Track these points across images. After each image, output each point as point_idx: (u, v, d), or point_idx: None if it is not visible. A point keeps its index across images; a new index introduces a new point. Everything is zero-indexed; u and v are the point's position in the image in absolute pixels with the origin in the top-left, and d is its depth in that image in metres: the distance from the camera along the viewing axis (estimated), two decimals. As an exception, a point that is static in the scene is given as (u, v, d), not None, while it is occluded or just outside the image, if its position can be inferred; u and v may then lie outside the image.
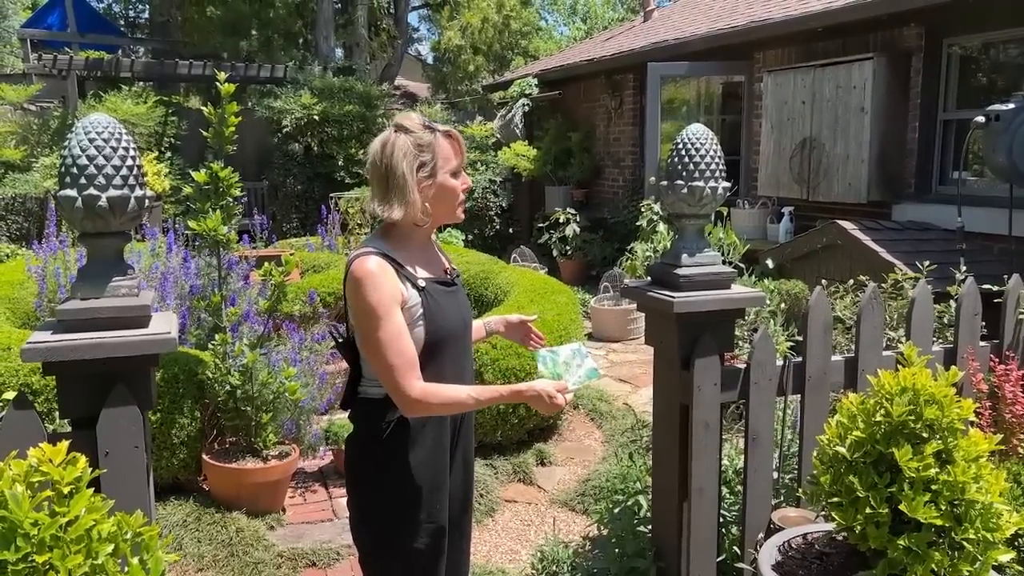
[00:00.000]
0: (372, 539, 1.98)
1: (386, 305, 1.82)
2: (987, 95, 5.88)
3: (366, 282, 1.82)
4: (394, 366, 1.82)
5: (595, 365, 2.07)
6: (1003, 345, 2.89)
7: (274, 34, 16.98)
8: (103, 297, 1.77)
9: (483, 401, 1.91)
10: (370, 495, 1.97)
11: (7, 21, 25.77)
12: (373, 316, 1.81)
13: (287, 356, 3.95)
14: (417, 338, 1.89)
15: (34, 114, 11.02)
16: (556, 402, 1.91)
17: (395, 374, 1.82)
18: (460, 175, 1.96)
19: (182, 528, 3.41)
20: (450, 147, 1.93)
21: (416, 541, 1.95)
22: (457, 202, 1.97)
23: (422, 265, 1.97)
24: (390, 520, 1.95)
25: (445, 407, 1.89)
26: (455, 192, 1.95)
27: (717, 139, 2.43)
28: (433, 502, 1.97)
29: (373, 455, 1.94)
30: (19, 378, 3.52)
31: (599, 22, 21.70)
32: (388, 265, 1.86)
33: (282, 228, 10.84)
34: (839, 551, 2.00)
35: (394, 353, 1.82)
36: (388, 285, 1.83)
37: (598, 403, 5.17)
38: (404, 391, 1.82)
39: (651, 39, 9.66)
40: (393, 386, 1.84)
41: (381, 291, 1.82)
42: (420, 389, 1.83)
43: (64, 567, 1.28)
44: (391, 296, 1.83)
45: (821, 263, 5.80)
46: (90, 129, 1.73)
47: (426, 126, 1.91)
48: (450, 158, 1.92)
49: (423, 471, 1.94)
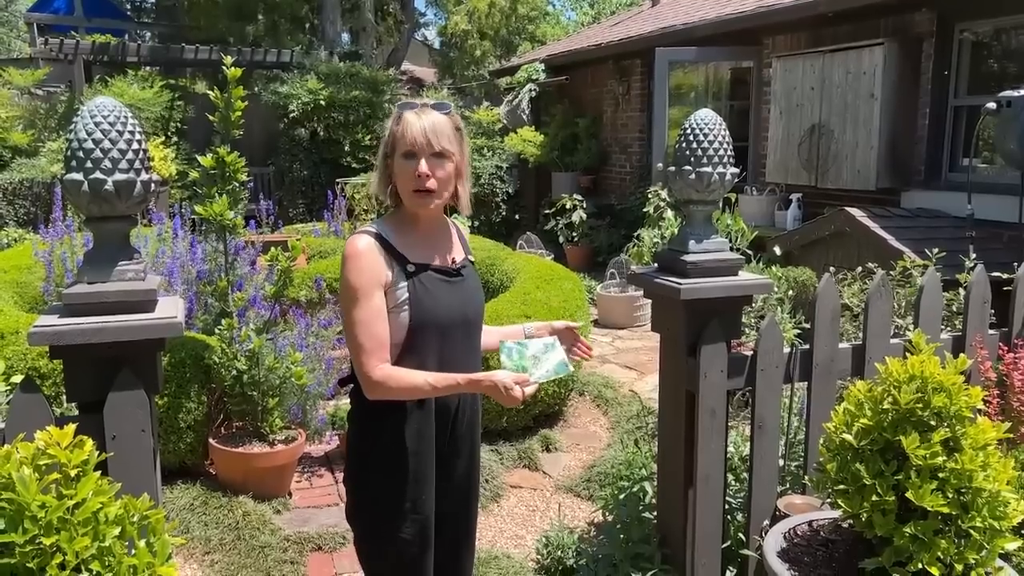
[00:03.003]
0: (364, 522, 2.01)
1: (365, 286, 1.84)
2: (998, 81, 5.83)
3: (349, 261, 1.86)
4: (362, 346, 1.84)
5: (564, 358, 2.03)
6: (1012, 333, 2.87)
7: (280, 19, 16.93)
8: (109, 281, 1.77)
9: (439, 389, 1.88)
10: (361, 473, 1.99)
11: (14, 5, 25.74)
12: (351, 295, 1.84)
13: (293, 341, 3.96)
14: (401, 323, 1.89)
15: (41, 99, 11.02)
16: (513, 394, 1.87)
17: (361, 354, 1.84)
18: (415, 159, 1.87)
19: (189, 512, 3.43)
20: (402, 130, 1.87)
21: (402, 530, 1.95)
22: (408, 186, 1.88)
23: (424, 250, 1.95)
24: (378, 504, 1.96)
25: (404, 391, 1.87)
26: (403, 174, 1.88)
27: (725, 125, 2.41)
28: (417, 492, 1.96)
29: (366, 433, 1.97)
30: (27, 362, 3.54)
31: (607, 7, 21.54)
32: (376, 246, 1.87)
33: (288, 214, 10.84)
34: (845, 538, 2.00)
35: (364, 334, 1.83)
36: (370, 266, 1.85)
37: (604, 390, 5.17)
38: (366, 372, 1.84)
39: (659, 24, 9.60)
40: (358, 365, 1.86)
41: (362, 271, 1.84)
42: (381, 372, 1.84)
43: (71, 549, 1.29)
44: (372, 277, 1.84)
45: (829, 250, 5.77)
46: (96, 113, 1.73)
47: (399, 107, 1.93)
48: (401, 139, 1.87)
49: (406, 459, 1.94)
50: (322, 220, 8.25)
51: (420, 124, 1.86)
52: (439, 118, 1.90)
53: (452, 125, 1.92)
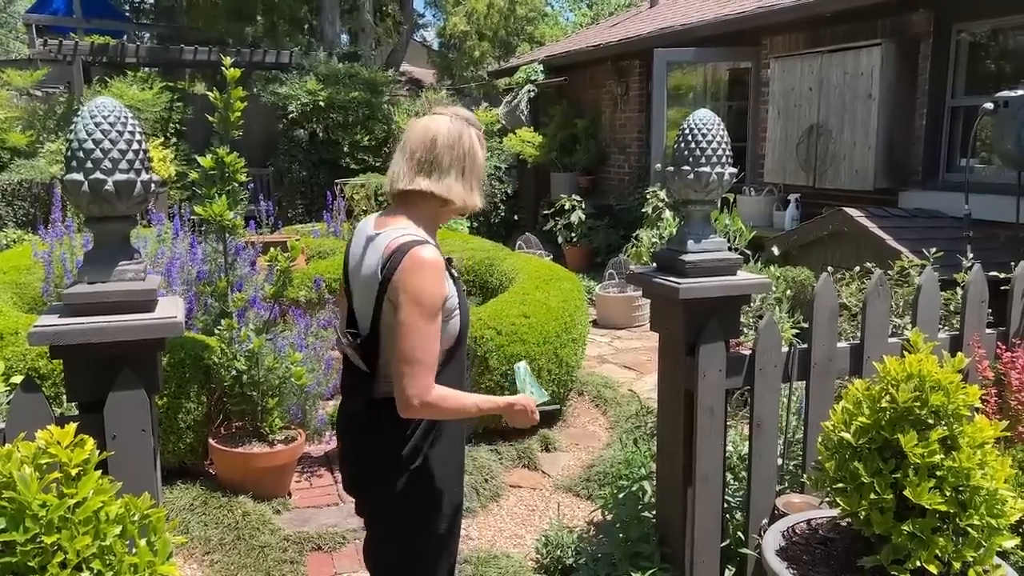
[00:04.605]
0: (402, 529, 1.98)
1: (438, 302, 1.82)
2: (996, 82, 5.84)
3: (428, 273, 1.79)
4: (422, 362, 1.77)
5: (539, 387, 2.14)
6: (1009, 332, 2.88)
7: (279, 20, 16.92)
8: (109, 281, 1.78)
9: (484, 410, 1.97)
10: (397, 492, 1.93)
11: (12, 6, 25.73)
12: (427, 307, 1.78)
13: (293, 341, 3.97)
14: (452, 331, 1.92)
15: (40, 99, 11.00)
16: (535, 417, 2.01)
17: (420, 368, 1.77)
18: None
19: (189, 512, 3.43)
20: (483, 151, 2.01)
21: (441, 527, 2.01)
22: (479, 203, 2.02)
23: None
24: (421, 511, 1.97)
25: (451, 412, 1.87)
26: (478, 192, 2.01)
27: (723, 125, 2.42)
28: (456, 489, 2.05)
29: (399, 453, 1.91)
30: (26, 362, 3.54)
31: (605, 8, 21.54)
32: (442, 259, 1.86)
33: (287, 214, 10.84)
34: (843, 537, 2.01)
35: (427, 350, 1.78)
36: (443, 282, 1.85)
37: (603, 389, 5.18)
38: (419, 391, 1.77)
39: (657, 25, 9.60)
40: (413, 379, 1.77)
41: (440, 287, 1.82)
42: (436, 393, 1.80)
43: (72, 548, 1.29)
44: (444, 295, 1.84)
45: (827, 250, 5.78)
46: (96, 113, 1.73)
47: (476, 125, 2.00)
48: (484, 161, 2.02)
49: (448, 463, 2.00)
50: (321, 221, 8.26)
51: None
52: None
53: None
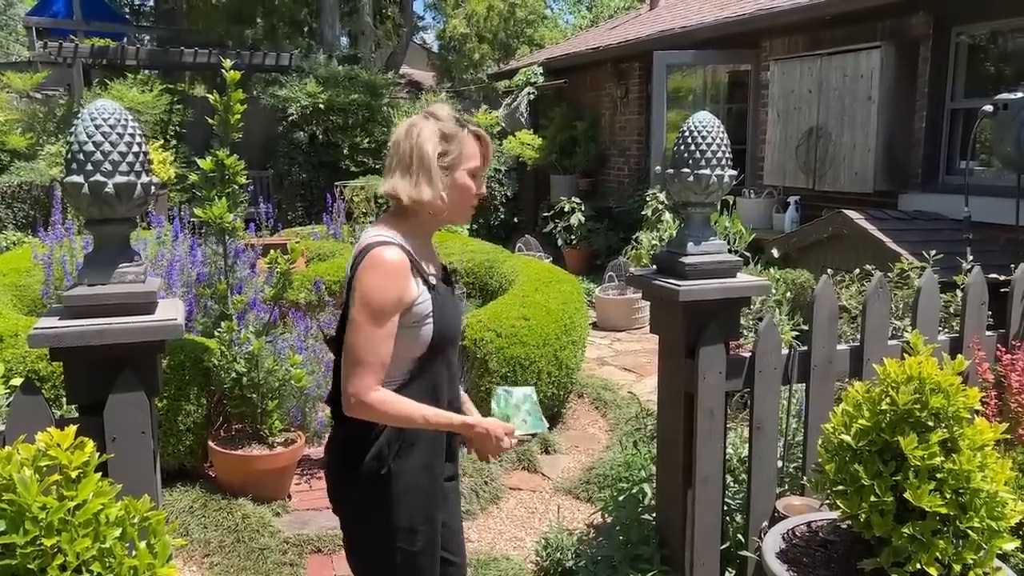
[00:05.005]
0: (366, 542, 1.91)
1: (389, 305, 1.77)
2: (995, 84, 5.84)
3: (381, 273, 1.77)
4: (365, 363, 1.76)
5: (540, 414, 1.99)
6: (1009, 335, 2.88)
7: (279, 22, 16.93)
8: (109, 283, 1.77)
9: (432, 424, 1.82)
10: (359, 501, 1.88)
11: (13, 9, 25.74)
12: (375, 308, 1.76)
13: (293, 344, 3.97)
14: (424, 337, 1.84)
15: (40, 102, 11.01)
16: (501, 445, 1.84)
17: (361, 370, 1.76)
18: (478, 178, 1.92)
19: (188, 514, 3.43)
20: (476, 147, 1.89)
21: (413, 544, 1.88)
22: (469, 203, 1.92)
23: (428, 260, 1.94)
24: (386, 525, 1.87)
25: (393, 418, 1.79)
26: (469, 191, 1.90)
27: (723, 127, 2.42)
28: (431, 504, 1.91)
29: (360, 460, 1.84)
30: (26, 365, 3.54)
31: (605, 10, 21.55)
32: (406, 261, 1.81)
33: (287, 217, 10.85)
34: (843, 539, 2.01)
35: (372, 352, 1.76)
36: (400, 285, 1.79)
37: (603, 392, 5.18)
38: (359, 390, 1.76)
39: (657, 27, 9.61)
40: (351, 378, 1.77)
41: (392, 288, 1.77)
42: (376, 395, 1.77)
43: (72, 550, 1.29)
44: (399, 297, 1.79)
45: (827, 252, 5.78)
46: (96, 116, 1.73)
47: (457, 119, 1.88)
48: (473, 156, 1.88)
49: (419, 476, 1.87)
50: (321, 223, 8.26)
51: (489, 147, 1.93)
52: None
53: None
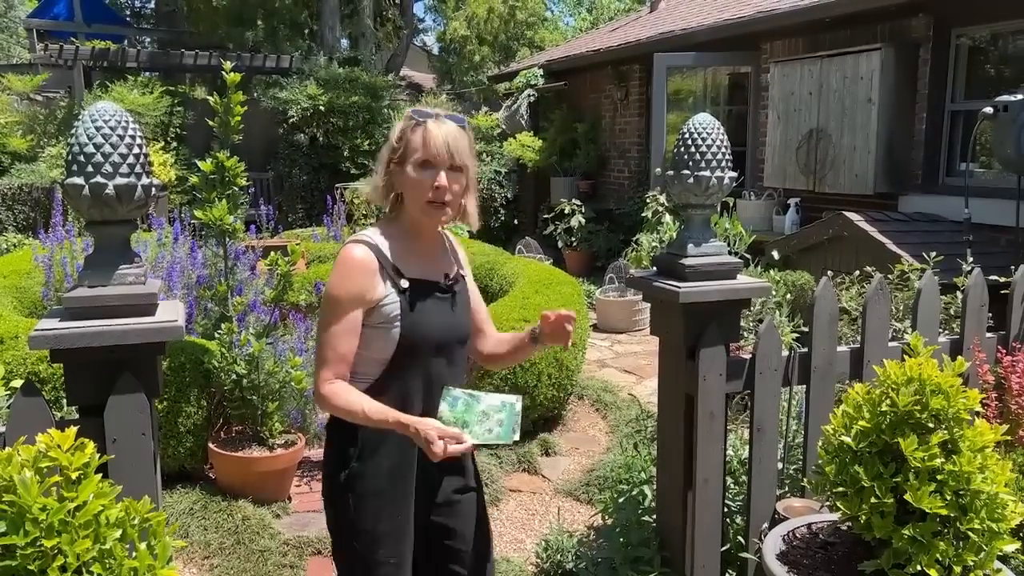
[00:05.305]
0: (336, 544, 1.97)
1: (345, 300, 1.81)
2: (995, 86, 5.84)
3: (339, 269, 1.84)
4: (322, 357, 1.84)
5: (516, 425, 1.82)
6: (1010, 336, 2.88)
7: (280, 24, 16.94)
8: (110, 285, 1.78)
9: (371, 420, 1.80)
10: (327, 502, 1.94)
11: (14, 11, 25.76)
12: (329, 304, 1.84)
13: (293, 345, 3.97)
14: (391, 339, 1.84)
15: (40, 104, 11.02)
16: (433, 449, 1.71)
17: (319, 364, 1.85)
18: (432, 171, 1.82)
19: (189, 516, 3.43)
20: (420, 138, 1.81)
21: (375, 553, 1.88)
22: (421, 197, 1.83)
23: (418, 263, 1.90)
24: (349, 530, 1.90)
25: (341, 411, 1.83)
26: (417, 185, 1.82)
27: (723, 129, 2.42)
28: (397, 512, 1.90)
29: (329, 461, 1.93)
30: (27, 367, 3.54)
31: (605, 12, 21.59)
32: (372, 260, 1.82)
33: (288, 219, 10.85)
34: (844, 541, 2.01)
35: (328, 346, 1.83)
36: (358, 282, 1.81)
37: (603, 394, 5.18)
38: (317, 383, 1.85)
39: (658, 29, 9.62)
40: (315, 372, 1.86)
41: (347, 285, 1.82)
42: (329, 387, 1.83)
43: (72, 552, 1.29)
44: (356, 293, 1.81)
45: (827, 254, 5.78)
46: (97, 117, 1.73)
47: (415, 114, 1.86)
48: (416, 149, 1.82)
49: (383, 483, 1.88)
50: (321, 225, 8.27)
51: (442, 135, 1.81)
52: (457, 131, 1.85)
53: (468, 139, 1.88)
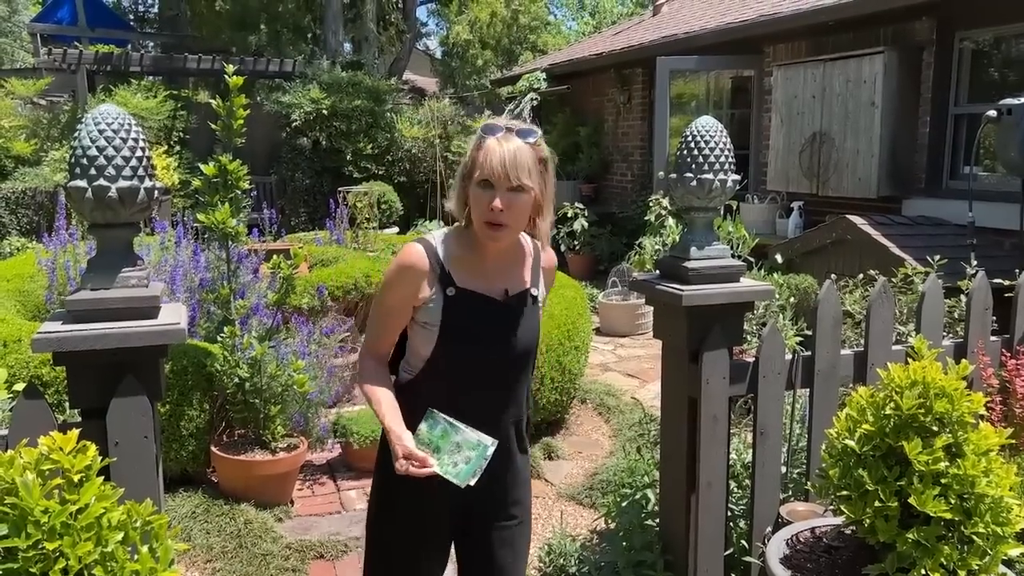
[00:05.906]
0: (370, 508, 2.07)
1: (391, 289, 1.91)
2: (999, 89, 5.84)
3: (396, 261, 1.91)
4: (368, 331, 2.00)
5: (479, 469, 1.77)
6: (1014, 340, 2.87)
7: (283, 28, 17.00)
8: (113, 288, 1.78)
9: (375, 411, 1.89)
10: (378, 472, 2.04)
11: (17, 16, 25.87)
12: (381, 289, 1.96)
13: (296, 349, 3.96)
14: (430, 340, 1.86)
15: (44, 108, 11.04)
16: (396, 465, 1.74)
17: (365, 341, 2.00)
18: (491, 191, 1.77)
19: (191, 519, 3.43)
20: (482, 156, 1.78)
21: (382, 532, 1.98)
22: (480, 216, 1.80)
23: (477, 274, 1.88)
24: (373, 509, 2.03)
25: (362, 391, 1.96)
26: (479, 203, 1.79)
27: (726, 132, 2.42)
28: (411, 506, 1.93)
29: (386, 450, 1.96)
30: (30, 370, 3.54)
31: (608, 16, 21.62)
32: (423, 261, 1.86)
33: (290, 222, 10.85)
34: (848, 545, 2.00)
35: (371, 323, 1.98)
36: (405, 277, 1.88)
37: (606, 397, 5.17)
38: (360, 352, 2.01)
39: (660, 33, 9.63)
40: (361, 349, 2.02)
41: (395, 277, 1.89)
42: (362, 363, 1.97)
43: (74, 554, 1.29)
44: (401, 287, 1.89)
45: (830, 258, 5.78)
46: (100, 120, 1.74)
47: (482, 129, 1.83)
48: (478, 167, 1.79)
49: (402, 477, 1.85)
50: (324, 229, 8.26)
51: (500, 154, 1.76)
52: (522, 148, 1.78)
53: (535, 156, 1.80)
